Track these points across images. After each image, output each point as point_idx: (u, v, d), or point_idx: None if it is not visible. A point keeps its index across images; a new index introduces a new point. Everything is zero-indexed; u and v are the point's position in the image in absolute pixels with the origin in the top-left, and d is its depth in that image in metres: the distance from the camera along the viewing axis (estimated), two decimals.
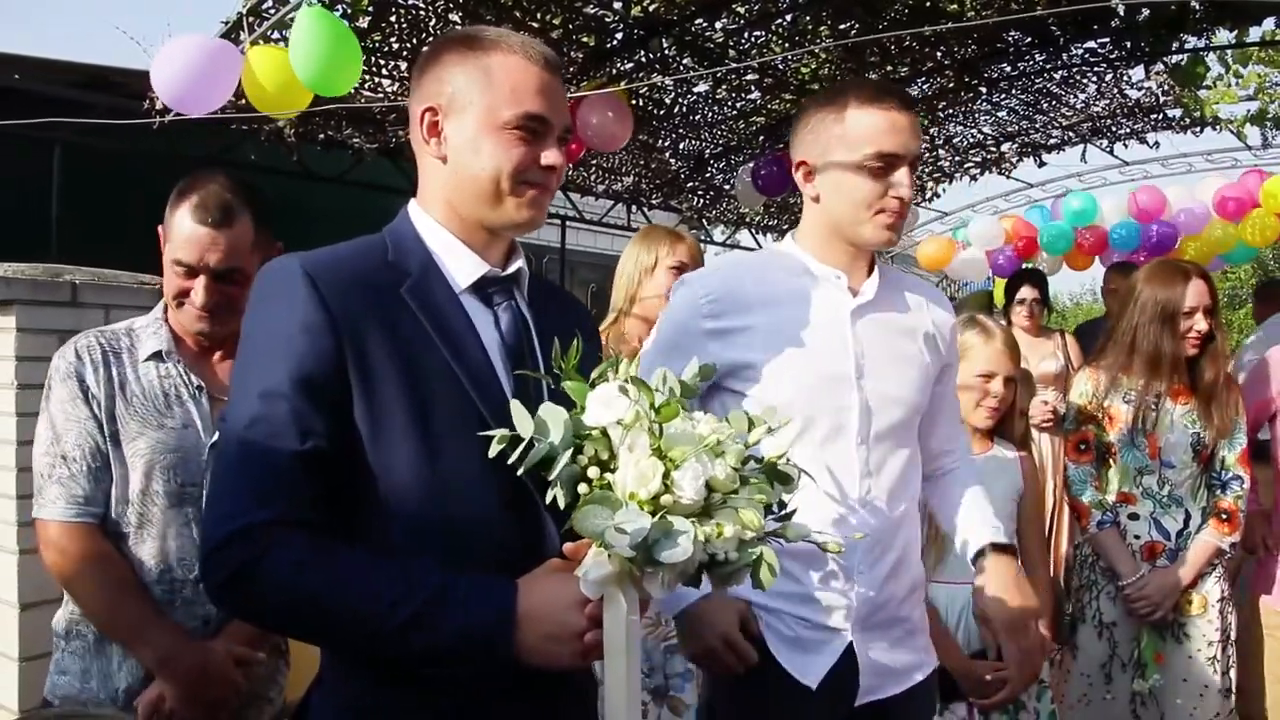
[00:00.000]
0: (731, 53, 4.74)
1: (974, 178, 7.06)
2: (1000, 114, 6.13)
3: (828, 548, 1.21)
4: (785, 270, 1.65)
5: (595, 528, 1.01)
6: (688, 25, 4.46)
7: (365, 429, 1.12)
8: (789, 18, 4.48)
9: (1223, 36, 4.72)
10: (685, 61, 4.82)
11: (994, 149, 6.73)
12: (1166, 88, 5.63)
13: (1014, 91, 5.71)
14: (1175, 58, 4.91)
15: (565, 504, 1.05)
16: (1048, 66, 5.27)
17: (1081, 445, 2.72)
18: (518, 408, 1.06)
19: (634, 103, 5.08)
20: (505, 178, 1.20)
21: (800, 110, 1.71)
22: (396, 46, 4.43)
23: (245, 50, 3.56)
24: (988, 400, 2.39)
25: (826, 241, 1.65)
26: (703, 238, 8.37)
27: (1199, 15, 4.26)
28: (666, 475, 1.03)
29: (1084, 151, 6.74)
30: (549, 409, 1.05)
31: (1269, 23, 4.64)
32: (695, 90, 5.46)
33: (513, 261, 1.29)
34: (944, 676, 2.11)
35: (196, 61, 3.43)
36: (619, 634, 1.06)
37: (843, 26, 4.49)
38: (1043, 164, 6.88)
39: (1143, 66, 5.31)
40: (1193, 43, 4.65)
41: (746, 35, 4.68)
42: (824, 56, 4.91)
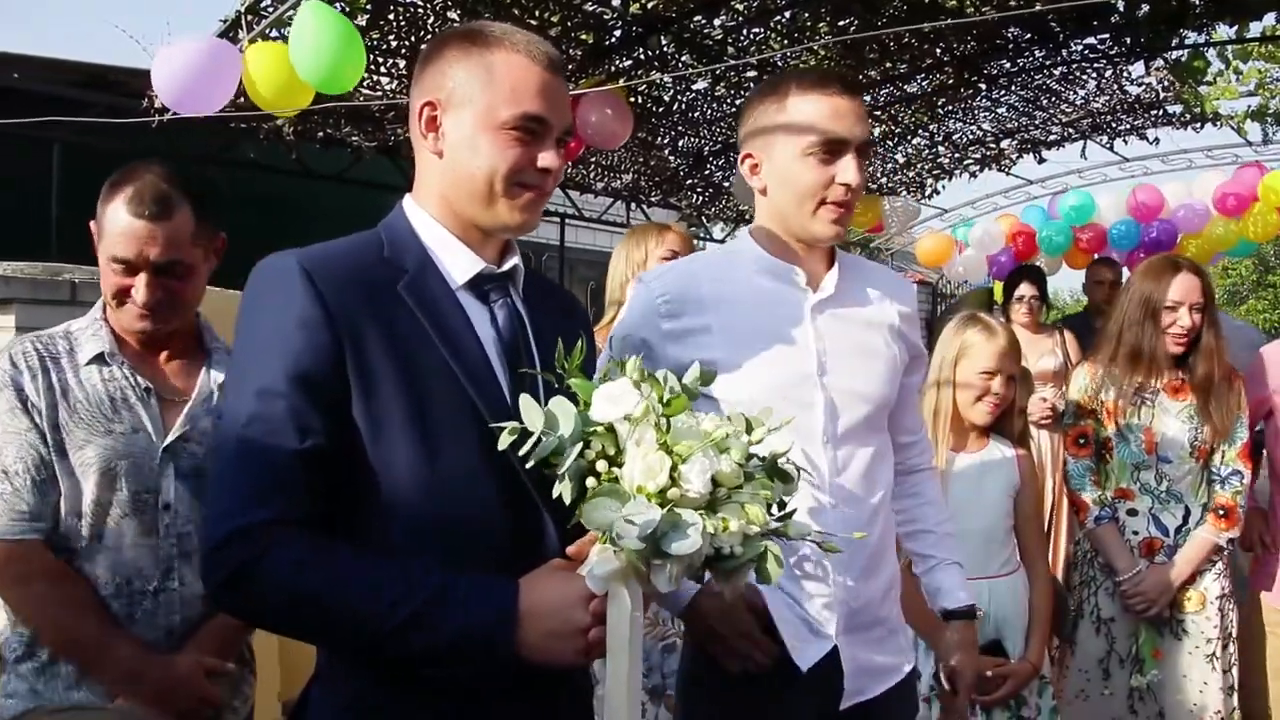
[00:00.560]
0: (730, 50, 4.74)
1: (973, 174, 7.06)
2: (1000, 110, 6.13)
3: (827, 547, 1.21)
4: (742, 267, 1.61)
5: (604, 519, 1.01)
6: (686, 22, 4.45)
7: (364, 426, 1.11)
8: (788, 14, 4.48)
9: (1223, 32, 4.72)
10: (684, 59, 4.81)
11: (993, 146, 6.73)
12: (1166, 83, 5.62)
13: (1013, 88, 5.71)
14: (1175, 53, 4.91)
15: (571, 499, 1.05)
16: (1047, 63, 5.27)
17: (1080, 440, 2.73)
18: (528, 401, 1.06)
19: (633, 100, 5.08)
20: (500, 178, 1.19)
21: (744, 103, 1.66)
22: (395, 44, 4.43)
23: (244, 49, 3.56)
24: (988, 398, 2.39)
25: (778, 236, 1.60)
26: (702, 235, 8.37)
27: (1199, 10, 4.26)
28: (673, 469, 1.03)
29: (1084, 148, 6.74)
30: (559, 403, 1.05)
31: (1269, 18, 4.64)
32: (694, 87, 5.46)
33: (508, 258, 1.28)
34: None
35: (196, 63, 3.43)
36: (622, 630, 1.05)
37: (841, 23, 4.48)
38: (1042, 160, 6.88)
39: (1143, 62, 5.30)
40: (1193, 38, 4.65)
41: (745, 32, 4.68)
42: (823, 53, 4.91)
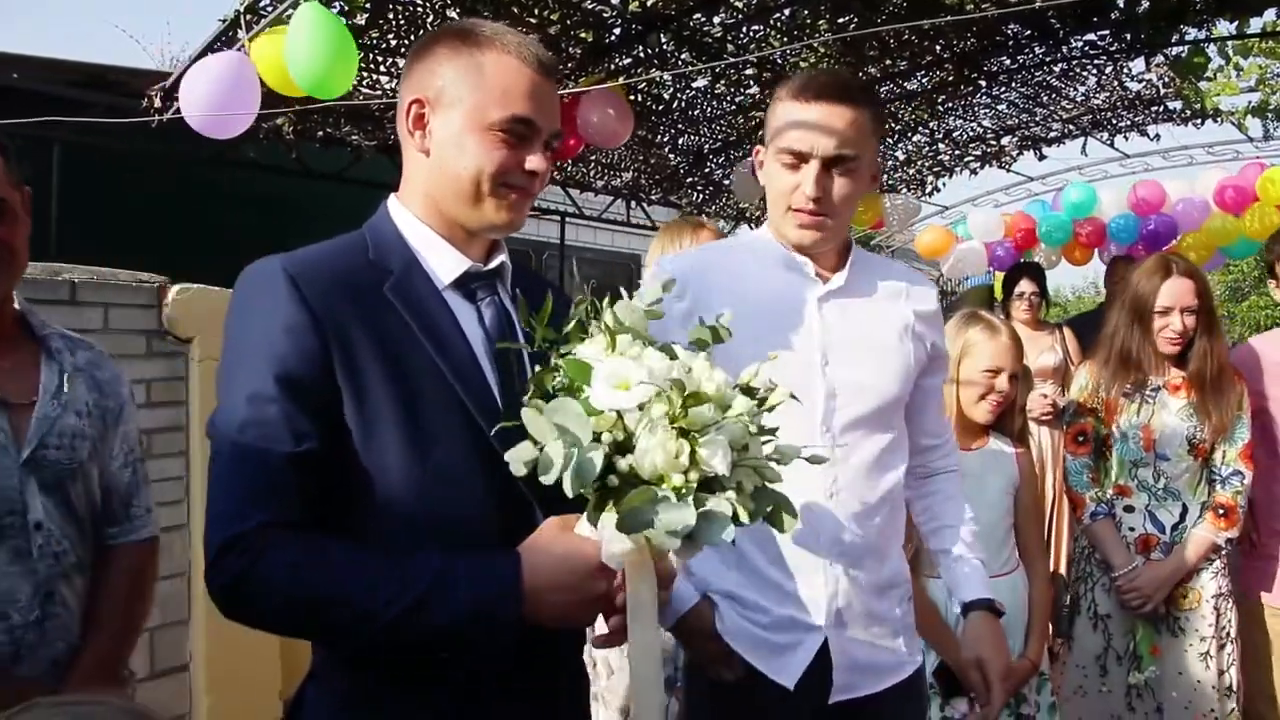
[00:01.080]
0: (730, 47, 4.73)
1: (974, 171, 7.04)
2: (1000, 107, 6.11)
3: (813, 459, 1.17)
4: (755, 255, 1.64)
5: (642, 525, 0.98)
6: (686, 20, 4.45)
7: (355, 428, 1.11)
8: (787, 12, 4.47)
9: (1223, 28, 4.71)
10: (684, 56, 4.81)
11: (994, 142, 6.71)
12: (1167, 80, 5.61)
13: (1013, 84, 5.69)
14: (1175, 49, 4.90)
15: (581, 493, 1.00)
16: (1047, 59, 5.26)
17: (1080, 437, 2.73)
18: (531, 415, 1.00)
19: (633, 98, 5.08)
20: (486, 179, 1.19)
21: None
22: (394, 43, 4.43)
23: (246, 49, 3.56)
24: (992, 396, 2.39)
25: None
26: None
27: (1199, 7, 4.25)
28: (692, 452, 0.99)
29: (1084, 144, 6.73)
30: (560, 405, 0.99)
31: (1270, 14, 4.63)
32: (694, 85, 5.45)
33: (495, 256, 1.28)
34: (945, 672, 2.11)
35: (220, 87, 3.50)
36: (645, 600, 1.05)
37: (841, 20, 4.47)
38: (1043, 157, 6.86)
39: (1143, 59, 5.29)
40: (1193, 34, 4.63)
41: (745, 30, 4.67)
42: (822, 50, 4.91)
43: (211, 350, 2.73)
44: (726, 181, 7.01)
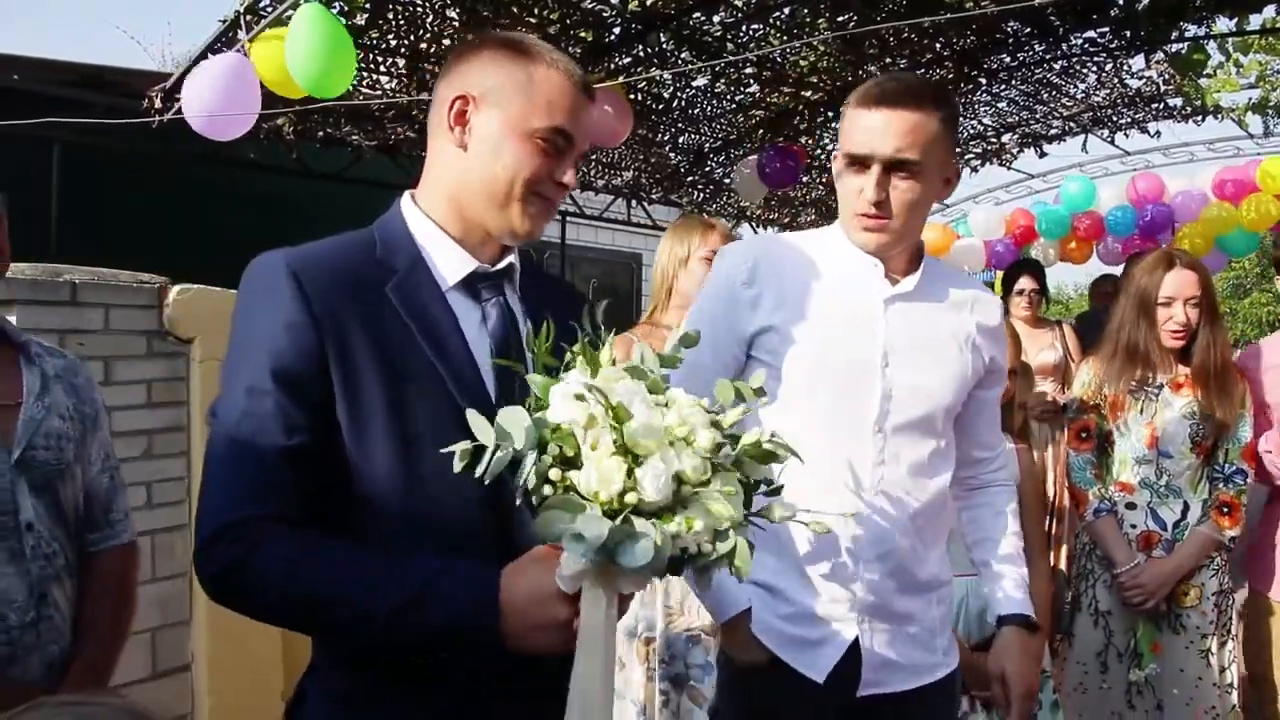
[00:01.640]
0: (730, 46, 4.73)
1: (975, 169, 7.04)
2: (1000, 105, 6.11)
3: (813, 528, 1.19)
4: (824, 251, 1.65)
5: (555, 532, 1.00)
6: (686, 19, 4.45)
7: (347, 427, 1.12)
8: (787, 10, 4.47)
9: (1223, 25, 4.70)
10: (684, 55, 4.81)
11: (994, 140, 6.70)
12: (1167, 77, 5.60)
13: (1014, 82, 5.69)
14: (1175, 46, 4.89)
15: (536, 504, 1.03)
16: (1047, 57, 5.25)
17: (1082, 434, 2.73)
18: (474, 416, 1.04)
19: (633, 97, 5.08)
20: (520, 183, 1.21)
21: None
22: (394, 43, 4.43)
23: (246, 49, 3.57)
24: None
25: None
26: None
27: (1199, 3, 4.24)
28: (631, 473, 1.00)
29: (1085, 142, 6.72)
30: (509, 413, 1.03)
31: (1269, 10, 4.61)
32: (694, 84, 5.44)
33: (503, 257, 1.29)
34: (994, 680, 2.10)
35: (222, 89, 3.51)
36: (594, 628, 1.04)
37: (841, 19, 4.47)
38: (1043, 155, 6.86)
39: (1143, 55, 5.28)
40: (1193, 31, 4.63)
41: (744, 28, 4.67)
42: (822, 49, 4.90)
43: (212, 351, 2.73)
44: (727, 180, 7.01)
